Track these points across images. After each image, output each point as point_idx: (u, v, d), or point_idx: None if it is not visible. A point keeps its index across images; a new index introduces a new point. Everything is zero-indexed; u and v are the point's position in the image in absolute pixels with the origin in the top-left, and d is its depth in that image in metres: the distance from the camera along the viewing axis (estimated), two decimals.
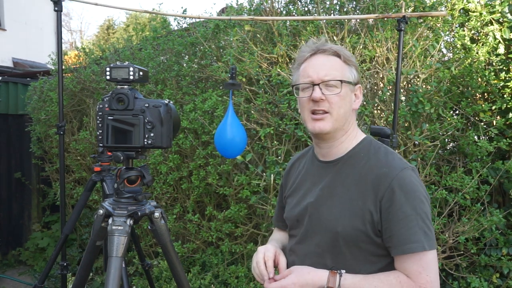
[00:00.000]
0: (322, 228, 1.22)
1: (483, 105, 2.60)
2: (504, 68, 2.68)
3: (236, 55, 2.86)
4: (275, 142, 2.72)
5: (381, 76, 2.73)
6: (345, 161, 1.24)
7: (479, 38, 2.77)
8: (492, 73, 2.62)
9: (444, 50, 2.97)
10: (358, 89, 1.27)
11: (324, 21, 2.81)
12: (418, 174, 1.19)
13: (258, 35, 2.99)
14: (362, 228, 1.15)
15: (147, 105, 1.34)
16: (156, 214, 1.42)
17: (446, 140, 2.80)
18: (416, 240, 1.10)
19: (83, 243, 4.20)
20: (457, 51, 2.76)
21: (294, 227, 1.33)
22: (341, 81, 1.20)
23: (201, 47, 3.29)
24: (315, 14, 2.93)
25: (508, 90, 2.61)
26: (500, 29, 2.64)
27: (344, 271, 1.16)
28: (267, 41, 2.99)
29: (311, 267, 1.20)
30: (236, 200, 2.92)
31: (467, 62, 2.65)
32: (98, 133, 1.37)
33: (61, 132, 2.71)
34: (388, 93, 2.69)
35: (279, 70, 2.71)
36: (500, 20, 2.70)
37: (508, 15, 2.65)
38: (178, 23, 3.73)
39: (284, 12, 3.14)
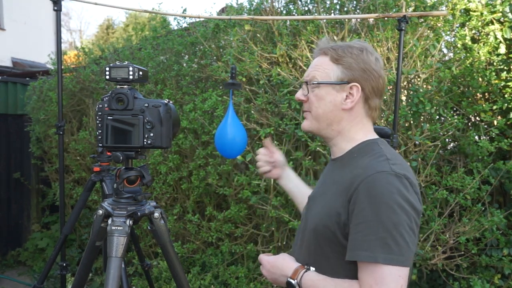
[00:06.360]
0: (308, 223, 1.21)
1: (484, 105, 2.59)
2: (505, 68, 2.68)
3: (236, 55, 2.85)
4: (275, 142, 2.72)
5: None
6: (341, 160, 1.21)
7: (480, 38, 2.76)
8: (493, 73, 2.61)
9: (445, 50, 2.96)
10: (353, 88, 1.16)
11: (324, 20, 2.80)
12: (403, 181, 1.05)
13: (258, 35, 2.99)
14: (331, 228, 1.10)
15: (146, 105, 1.34)
16: (156, 215, 1.42)
17: (447, 140, 2.79)
18: (367, 249, 1.00)
19: (83, 244, 4.19)
20: (458, 51, 2.75)
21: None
22: (307, 82, 1.21)
23: (201, 47, 3.28)
24: (315, 14, 2.92)
25: (509, 90, 2.61)
26: (501, 29, 2.64)
27: (313, 268, 1.13)
28: (267, 40, 2.98)
29: (294, 258, 1.21)
30: (236, 200, 2.91)
31: (468, 62, 2.64)
32: (97, 133, 1.37)
33: (61, 132, 2.70)
34: (389, 93, 2.68)
35: (279, 70, 2.70)
36: (501, 20, 2.69)
37: (509, 14, 2.64)
38: (178, 22, 3.72)
39: (284, 12, 3.14)
